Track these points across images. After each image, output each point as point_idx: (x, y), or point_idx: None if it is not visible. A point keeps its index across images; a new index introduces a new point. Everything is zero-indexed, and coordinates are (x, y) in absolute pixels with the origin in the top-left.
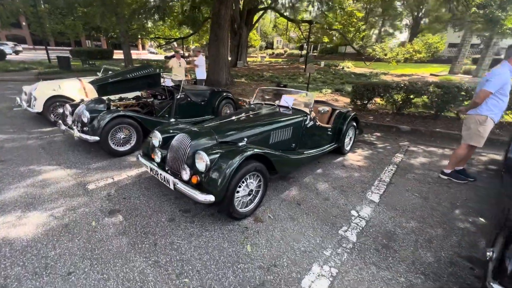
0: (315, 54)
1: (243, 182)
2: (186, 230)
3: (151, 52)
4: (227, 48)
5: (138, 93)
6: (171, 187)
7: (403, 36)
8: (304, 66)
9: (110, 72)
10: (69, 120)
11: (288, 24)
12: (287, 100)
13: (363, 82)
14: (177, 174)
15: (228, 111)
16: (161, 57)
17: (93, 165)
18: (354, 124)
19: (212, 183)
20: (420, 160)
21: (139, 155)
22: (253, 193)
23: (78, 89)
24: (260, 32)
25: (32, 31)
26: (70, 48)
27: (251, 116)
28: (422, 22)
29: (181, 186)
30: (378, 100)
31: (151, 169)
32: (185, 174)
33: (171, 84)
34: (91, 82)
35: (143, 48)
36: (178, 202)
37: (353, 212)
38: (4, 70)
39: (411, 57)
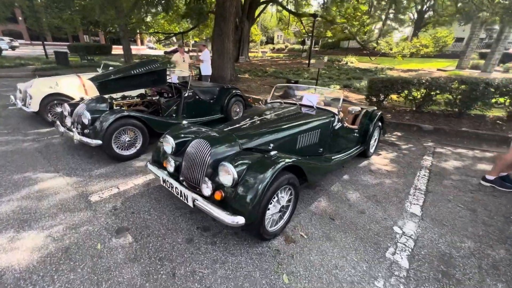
0: (316, 49)
1: (274, 198)
2: (208, 254)
3: (149, 48)
4: (231, 42)
5: (142, 91)
6: (190, 204)
7: (407, 30)
8: (307, 62)
9: (110, 68)
10: (68, 121)
11: (290, 18)
12: (310, 98)
13: (379, 77)
14: (195, 187)
15: (238, 109)
16: (160, 52)
17: (96, 171)
18: (380, 124)
19: (241, 201)
20: (453, 164)
21: (148, 163)
22: (283, 208)
23: (77, 86)
24: (261, 26)
25: (28, 26)
26: (67, 43)
27: (273, 117)
28: (426, 16)
29: (202, 203)
30: (394, 97)
31: (164, 181)
32: (206, 189)
33: (177, 80)
34: (92, 79)
35: (142, 43)
36: (195, 217)
37: (396, 229)
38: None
39: (417, 51)
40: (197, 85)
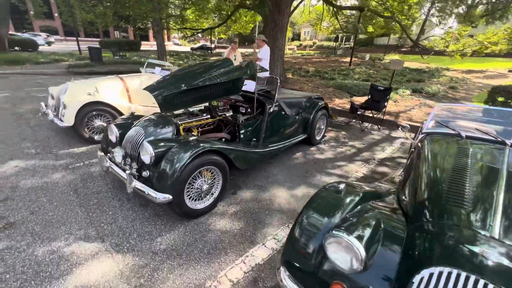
0: (347, 46)
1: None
2: None
3: (175, 44)
4: (285, 37)
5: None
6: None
7: (449, 26)
8: (349, 60)
9: (158, 68)
10: (118, 155)
11: (323, 12)
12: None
13: (502, 85)
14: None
15: (322, 126)
16: (186, 48)
17: (160, 242)
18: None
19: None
20: None
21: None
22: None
23: (120, 91)
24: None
25: (63, 21)
26: (99, 39)
27: None
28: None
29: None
30: None
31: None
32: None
33: (254, 88)
34: (149, 90)
35: (169, 39)
36: None
37: None
38: (35, 63)
39: (480, 49)
40: (280, 96)
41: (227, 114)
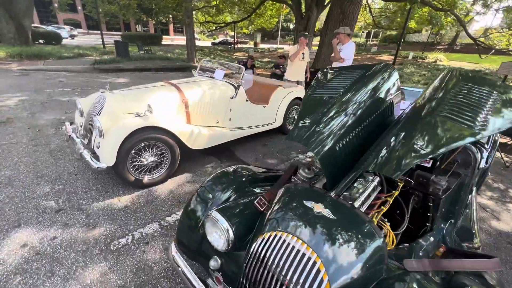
0: (375, 42)
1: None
2: None
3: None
4: (353, 30)
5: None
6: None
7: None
8: (383, 58)
9: (223, 72)
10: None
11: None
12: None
13: None
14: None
15: None
16: (206, 43)
17: None
18: None
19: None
20: None
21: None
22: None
23: (177, 106)
24: None
25: (87, 12)
26: (120, 32)
27: None
28: None
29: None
30: None
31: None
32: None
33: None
34: (295, 138)
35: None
36: None
37: None
38: (58, 57)
39: None
40: None
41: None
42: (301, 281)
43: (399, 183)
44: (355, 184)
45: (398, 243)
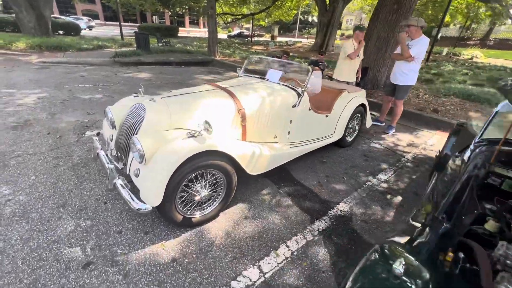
0: None
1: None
2: None
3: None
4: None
5: None
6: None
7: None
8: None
9: (279, 74)
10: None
11: None
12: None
13: None
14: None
15: None
16: (221, 36)
17: None
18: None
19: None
20: None
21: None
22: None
23: (232, 120)
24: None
25: (105, 2)
26: (137, 24)
27: None
28: None
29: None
30: None
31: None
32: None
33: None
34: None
35: (204, 25)
36: None
37: None
38: (78, 49)
39: None
40: None
41: None
42: None
43: None
44: None
45: None
